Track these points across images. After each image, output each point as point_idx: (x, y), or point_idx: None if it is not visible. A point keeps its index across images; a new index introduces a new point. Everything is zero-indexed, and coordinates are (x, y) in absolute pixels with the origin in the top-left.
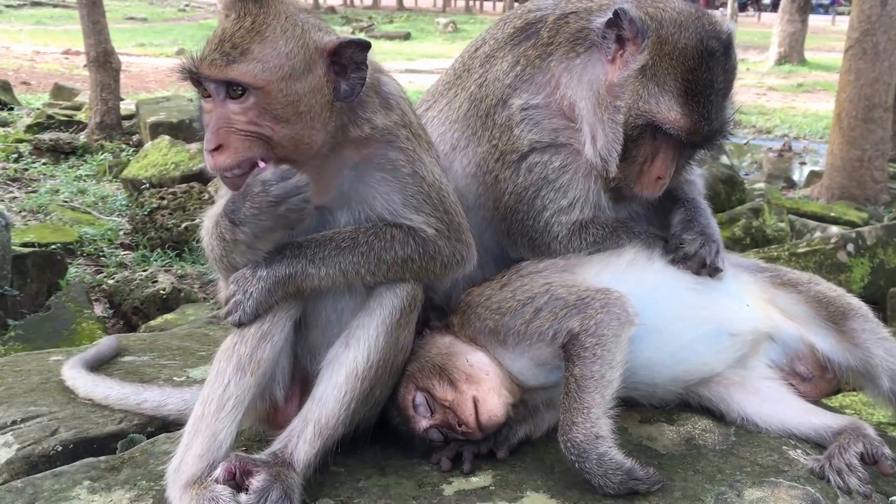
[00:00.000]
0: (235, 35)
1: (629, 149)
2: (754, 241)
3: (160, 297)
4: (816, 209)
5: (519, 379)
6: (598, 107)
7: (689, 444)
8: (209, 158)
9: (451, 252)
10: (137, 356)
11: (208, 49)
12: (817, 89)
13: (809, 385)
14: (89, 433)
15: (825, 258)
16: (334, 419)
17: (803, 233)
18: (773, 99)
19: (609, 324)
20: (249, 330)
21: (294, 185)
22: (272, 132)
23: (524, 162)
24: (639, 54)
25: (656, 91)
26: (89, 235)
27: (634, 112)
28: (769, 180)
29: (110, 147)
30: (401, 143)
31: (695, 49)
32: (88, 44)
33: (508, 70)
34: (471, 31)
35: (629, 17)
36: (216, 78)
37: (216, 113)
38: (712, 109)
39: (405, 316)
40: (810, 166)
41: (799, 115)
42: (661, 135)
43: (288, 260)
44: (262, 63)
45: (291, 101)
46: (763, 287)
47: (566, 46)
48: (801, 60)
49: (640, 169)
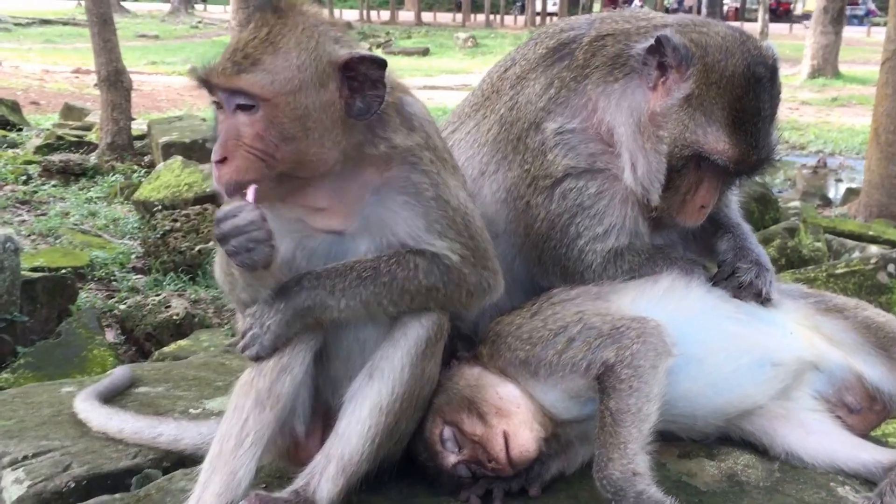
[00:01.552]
0: (249, 45)
1: (672, 179)
2: (790, 261)
3: (173, 323)
4: (854, 228)
5: (551, 412)
6: (640, 135)
7: (731, 480)
8: (214, 170)
9: (477, 280)
10: (152, 387)
11: (222, 58)
12: (853, 103)
13: (857, 417)
14: (103, 469)
15: (865, 279)
16: (358, 455)
17: (841, 253)
18: (807, 113)
19: (646, 354)
20: (268, 363)
21: (233, 225)
22: (276, 149)
23: (558, 188)
24: (683, 82)
25: (703, 121)
26: (100, 259)
27: (681, 143)
28: (804, 198)
29: (121, 168)
30: (424, 165)
31: (742, 76)
32: (99, 62)
33: (542, 92)
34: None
35: (672, 44)
36: (225, 87)
37: (225, 124)
38: (760, 137)
39: (431, 346)
40: (847, 183)
41: (834, 130)
42: (706, 164)
43: (307, 291)
44: (272, 74)
45: (299, 117)
46: (807, 314)
47: (603, 70)
48: (836, 73)
49: (684, 199)
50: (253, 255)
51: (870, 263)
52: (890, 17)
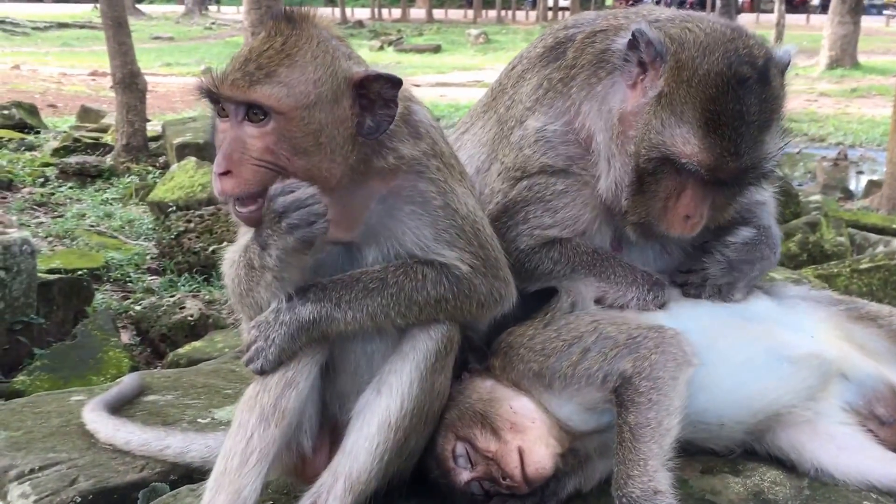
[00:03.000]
0: (263, 55)
1: (648, 183)
2: (811, 256)
3: (188, 324)
4: (877, 221)
5: (567, 425)
6: (617, 140)
7: (757, 498)
8: (217, 183)
9: (488, 290)
10: (161, 395)
11: (232, 68)
12: (872, 94)
13: (890, 429)
14: (109, 482)
15: (890, 274)
16: (366, 473)
17: (864, 247)
18: (826, 105)
19: (665, 365)
20: (273, 377)
21: (295, 198)
22: (287, 163)
23: (527, 180)
24: (657, 80)
25: (672, 121)
26: (116, 260)
27: (647, 144)
28: (825, 191)
29: (137, 169)
30: (431, 173)
31: (719, 75)
32: (114, 65)
33: (531, 92)
34: (503, 42)
35: (647, 38)
36: (238, 99)
37: (231, 135)
38: (742, 143)
39: (441, 359)
40: (868, 175)
41: (854, 121)
42: (683, 170)
43: (312, 303)
44: (288, 88)
45: (313, 132)
46: (838, 322)
47: (588, 70)
48: (854, 64)
49: (664, 205)
50: (314, 229)
51: (895, 258)
52: None
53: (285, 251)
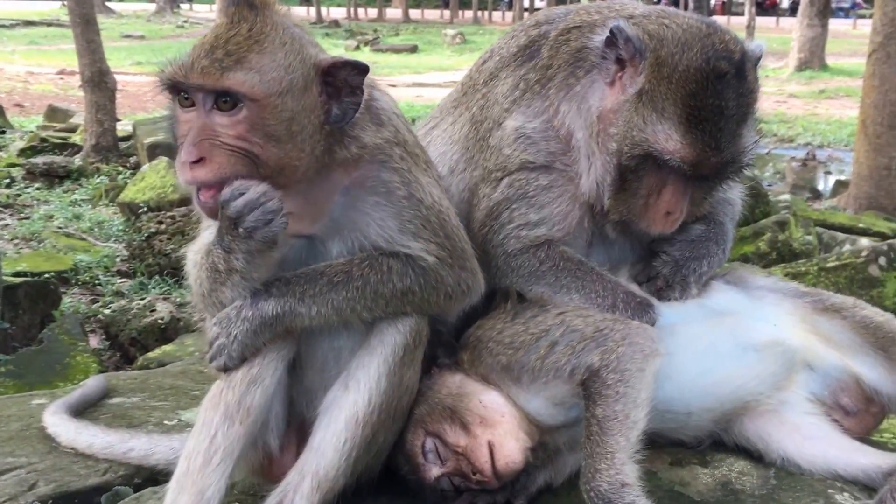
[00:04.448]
0: (231, 42)
1: (630, 181)
2: (780, 255)
3: (158, 327)
4: (844, 220)
5: (536, 419)
6: (594, 135)
7: (725, 489)
8: (187, 172)
9: (455, 281)
10: (126, 397)
11: (198, 55)
12: (840, 95)
13: (854, 419)
14: (70, 487)
15: (856, 273)
16: (334, 470)
17: (832, 246)
18: (795, 106)
19: (632, 357)
20: (237, 374)
21: (247, 200)
22: (261, 150)
23: (508, 178)
24: (637, 77)
25: (654, 118)
26: (84, 263)
27: (629, 141)
28: (793, 191)
29: (106, 170)
30: (394, 162)
31: (699, 71)
32: (83, 63)
33: (508, 94)
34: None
35: (625, 35)
36: (208, 87)
37: (199, 124)
38: (722, 138)
39: (409, 353)
40: (836, 175)
41: (822, 122)
42: (665, 166)
43: (275, 298)
44: (261, 74)
45: (286, 119)
46: (804, 314)
47: (566, 70)
48: (823, 66)
49: (646, 203)
50: (272, 228)
51: (861, 256)
52: (876, 9)
53: (250, 253)
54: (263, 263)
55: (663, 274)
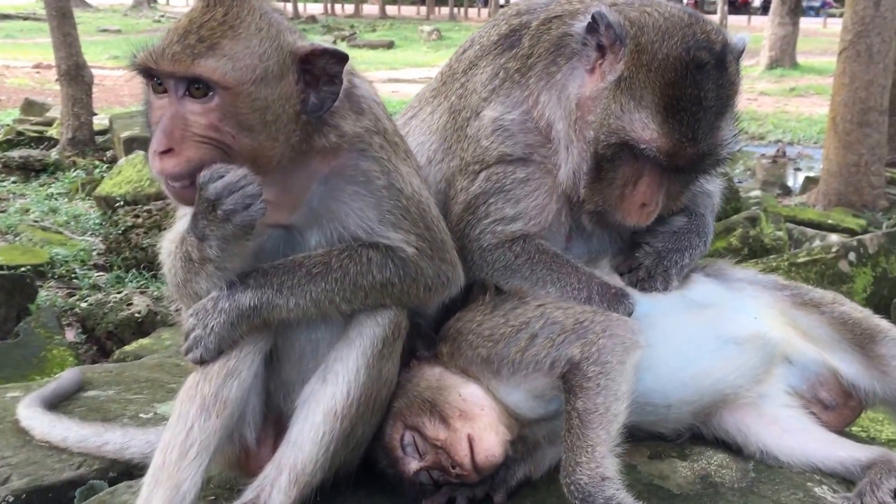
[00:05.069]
0: (204, 27)
1: (605, 170)
2: (752, 251)
3: (135, 321)
4: (814, 216)
5: (516, 412)
6: (573, 123)
7: (704, 482)
8: (156, 161)
9: (434, 273)
10: (102, 390)
11: (170, 40)
12: (810, 93)
13: (832, 413)
14: (45, 481)
15: (826, 268)
16: (312, 464)
17: (802, 241)
18: (766, 104)
19: (613, 349)
20: (213, 367)
21: (227, 183)
22: (232, 140)
23: (486, 171)
24: (617, 64)
25: (632, 106)
26: (61, 256)
27: (606, 129)
28: (764, 187)
29: (83, 164)
30: (374, 151)
31: (678, 60)
32: (59, 57)
33: (487, 82)
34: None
35: (606, 21)
36: (179, 74)
37: (170, 112)
38: (699, 129)
39: (388, 346)
40: (805, 172)
41: (792, 119)
42: (642, 156)
43: (252, 290)
44: (234, 61)
45: (259, 108)
46: (783, 307)
47: (546, 59)
48: (793, 64)
49: (621, 193)
50: (251, 213)
51: (831, 252)
52: (847, 7)
53: (225, 240)
54: (238, 252)
55: (645, 265)
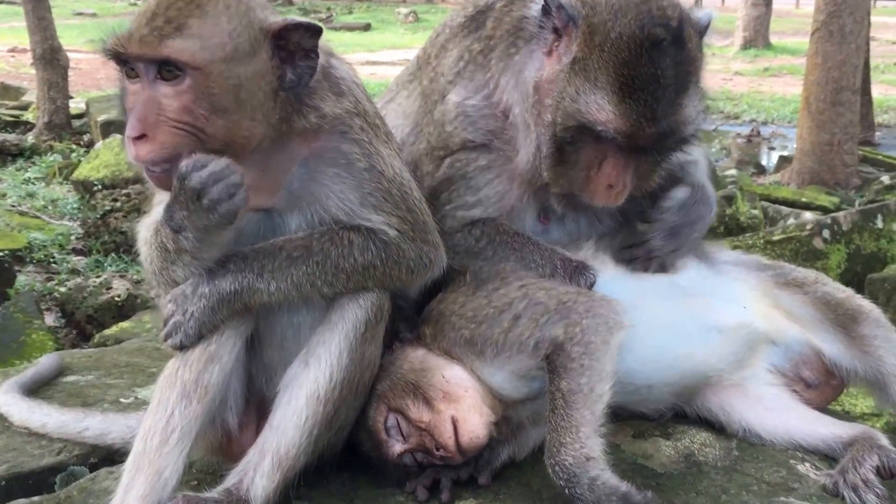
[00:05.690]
0: (171, 7)
1: (568, 153)
2: (728, 229)
3: (115, 305)
4: (788, 195)
5: (500, 393)
6: (529, 107)
7: (688, 460)
8: (131, 147)
9: (417, 255)
10: (81, 375)
11: (139, 24)
12: (784, 73)
13: (814, 392)
14: (24, 467)
15: (801, 245)
16: (295, 448)
17: (776, 219)
18: (740, 84)
19: (596, 329)
20: (194, 352)
21: (211, 172)
22: (206, 122)
23: (450, 157)
24: (571, 46)
25: (587, 88)
26: (39, 241)
27: (562, 112)
28: (739, 166)
29: (60, 148)
30: (354, 133)
31: (632, 38)
32: (34, 40)
33: (453, 65)
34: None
35: (558, 3)
36: (148, 57)
37: (143, 96)
38: (658, 108)
39: (371, 329)
40: (779, 151)
41: (766, 99)
42: (602, 138)
43: (233, 274)
44: (202, 40)
45: (232, 87)
46: (766, 288)
47: (507, 41)
48: (767, 44)
49: (587, 175)
50: (236, 202)
51: (805, 230)
52: None
53: (205, 230)
54: (215, 243)
55: (655, 244)
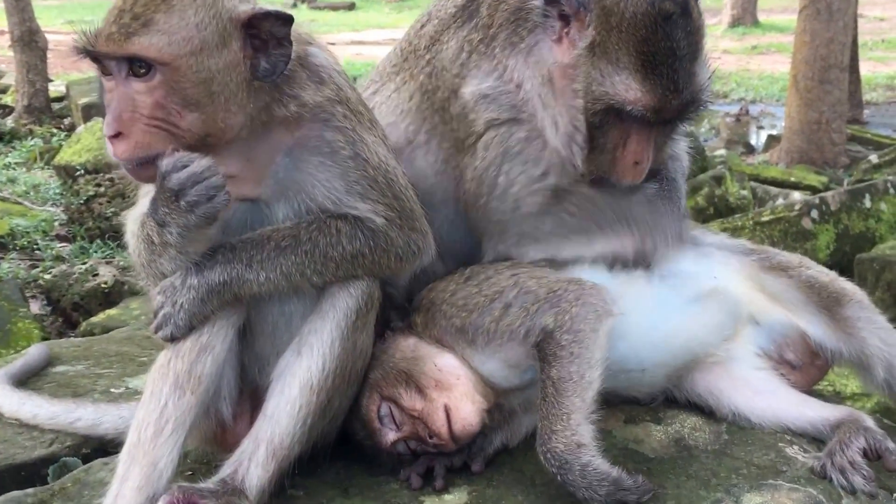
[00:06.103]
0: (138, 3)
1: (596, 137)
2: (717, 210)
3: (102, 291)
4: (777, 174)
5: (491, 381)
6: (554, 93)
7: (678, 445)
8: (109, 146)
9: (405, 242)
10: (71, 365)
11: (107, 21)
12: (772, 51)
13: (799, 373)
14: (16, 459)
15: (790, 226)
16: (289, 437)
17: (765, 200)
18: (728, 62)
19: (586, 317)
20: (186, 343)
21: (191, 173)
22: (179, 117)
23: (481, 141)
24: (585, 30)
25: (610, 70)
26: (22, 227)
27: (591, 97)
28: (728, 146)
29: (40, 132)
30: (337, 121)
31: (646, 15)
32: (12, 22)
33: (454, 58)
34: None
35: None
36: (117, 55)
37: (118, 93)
38: (679, 79)
39: (362, 317)
40: (768, 130)
41: (755, 77)
42: (629, 117)
43: (221, 265)
44: (169, 35)
45: (203, 80)
46: (751, 272)
47: (508, 29)
48: (755, 22)
49: (613, 156)
50: (215, 203)
51: (794, 210)
52: None
53: (186, 228)
54: (200, 238)
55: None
